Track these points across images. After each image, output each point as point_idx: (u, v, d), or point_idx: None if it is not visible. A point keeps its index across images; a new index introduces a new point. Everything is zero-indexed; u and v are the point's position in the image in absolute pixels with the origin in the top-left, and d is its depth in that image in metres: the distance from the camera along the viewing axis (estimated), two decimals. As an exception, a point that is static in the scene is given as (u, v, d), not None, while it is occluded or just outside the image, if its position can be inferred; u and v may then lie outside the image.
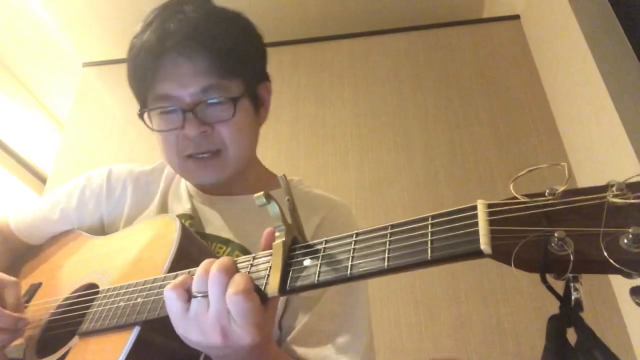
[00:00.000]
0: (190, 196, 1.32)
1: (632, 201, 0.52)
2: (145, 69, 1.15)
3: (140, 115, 1.21)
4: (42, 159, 3.85)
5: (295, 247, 0.79)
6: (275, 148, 2.80)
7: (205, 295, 0.77)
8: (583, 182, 2.34)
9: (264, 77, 1.31)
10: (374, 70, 3.04)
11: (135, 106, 3.12)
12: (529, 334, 2.18)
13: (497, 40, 3.03)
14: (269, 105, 1.32)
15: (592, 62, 2.26)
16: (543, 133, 2.67)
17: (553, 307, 0.58)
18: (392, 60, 3.06)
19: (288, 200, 0.80)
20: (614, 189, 0.54)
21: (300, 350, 1.06)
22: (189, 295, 0.79)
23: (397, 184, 2.63)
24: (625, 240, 0.51)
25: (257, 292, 0.77)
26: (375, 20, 3.38)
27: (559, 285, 0.56)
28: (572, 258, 0.52)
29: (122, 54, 1.24)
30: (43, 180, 3.78)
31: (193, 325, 0.78)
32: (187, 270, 0.88)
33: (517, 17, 3.08)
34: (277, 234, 0.80)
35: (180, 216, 1.24)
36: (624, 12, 2.29)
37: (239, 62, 1.18)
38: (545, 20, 2.78)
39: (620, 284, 2.10)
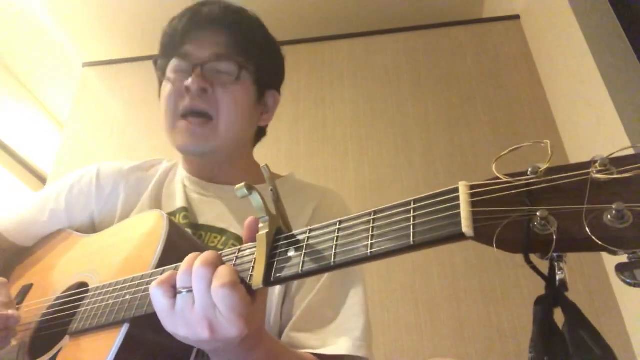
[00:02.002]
0: (185, 187, 1.33)
1: (616, 176, 0.51)
2: (174, 33, 1.29)
3: (155, 62, 1.33)
4: (42, 159, 3.86)
5: (280, 238, 0.78)
6: (275, 148, 2.80)
7: (190, 290, 0.76)
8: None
9: (275, 86, 1.40)
10: (374, 70, 3.04)
11: (135, 106, 3.10)
12: (529, 334, 2.16)
13: (497, 40, 3.03)
14: (272, 113, 1.40)
15: (592, 62, 2.26)
16: (543, 133, 2.66)
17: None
18: (392, 60, 3.06)
19: (271, 190, 0.79)
20: (597, 164, 0.53)
21: (300, 336, 1.07)
22: (174, 291, 0.78)
23: (397, 184, 2.63)
24: (609, 217, 0.50)
25: (242, 284, 0.76)
26: (375, 20, 3.38)
27: (544, 266, 0.55)
28: (555, 237, 0.51)
29: (122, 54, 1.30)
30: (43, 180, 3.79)
31: (180, 321, 0.77)
32: (174, 265, 0.88)
33: (517, 17, 3.08)
34: (260, 225, 0.79)
35: (176, 211, 1.26)
36: (624, 12, 2.29)
37: (255, 53, 1.29)
38: (545, 20, 2.78)
39: (620, 282, 2.08)
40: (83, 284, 1.10)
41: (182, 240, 1.05)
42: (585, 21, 2.38)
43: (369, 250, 0.66)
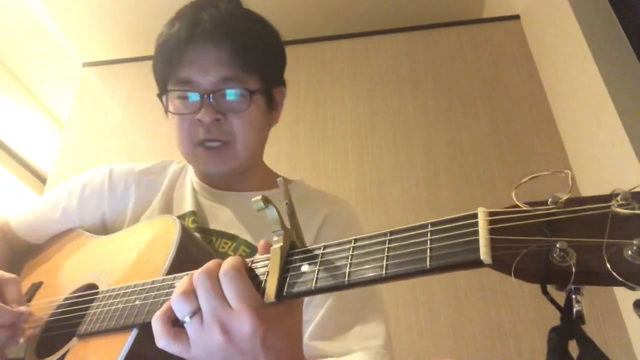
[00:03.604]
0: (195, 191, 1.33)
1: (637, 212, 0.50)
2: (171, 53, 1.21)
3: (159, 97, 1.28)
4: (42, 159, 3.86)
5: (294, 252, 0.77)
6: (275, 148, 2.79)
7: (193, 314, 0.75)
8: (583, 183, 2.34)
9: (281, 82, 1.38)
10: (374, 70, 3.04)
11: (135, 106, 3.10)
12: (529, 334, 2.18)
13: (497, 40, 3.02)
14: (281, 108, 1.40)
15: (592, 62, 2.25)
16: (543, 133, 2.66)
17: (553, 307, 0.56)
18: (392, 60, 3.05)
19: (287, 204, 0.79)
20: (618, 198, 0.52)
21: (320, 345, 1.05)
22: (178, 330, 0.77)
23: (397, 184, 2.63)
24: (630, 252, 0.49)
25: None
26: (375, 20, 3.38)
27: (560, 296, 0.55)
28: (573, 270, 0.51)
29: (122, 54, 1.28)
30: (43, 180, 3.78)
31: (199, 347, 0.75)
32: (185, 273, 0.87)
33: (517, 17, 3.07)
34: (275, 238, 0.78)
35: (185, 214, 1.26)
36: (624, 12, 2.29)
37: (259, 59, 1.24)
38: (545, 20, 2.78)
39: (622, 289, 2.08)
40: (92, 286, 1.10)
41: (194, 246, 1.05)
42: (585, 21, 2.38)
43: (384, 272, 0.65)
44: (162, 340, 0.77)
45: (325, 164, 2.76)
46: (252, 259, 0.82)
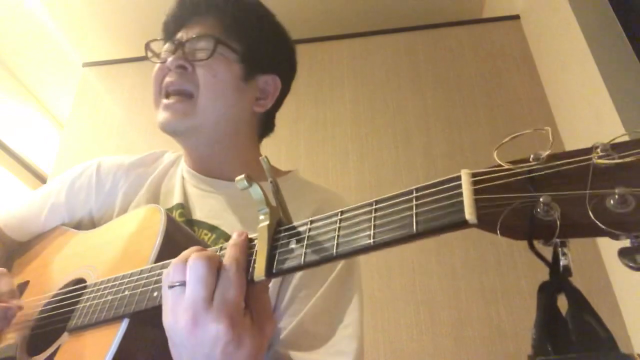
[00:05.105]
0: (184, 180, 1.32)
1: (618, 161, 0.51)
2: (168, 20, 1.33)
3: (146, 45, 1.32)
4: (42, 159, 3.86)
5: (281, 230, 0.78)
6: (275, 148, 2.79)
7: (183, 284, 0.76)
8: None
9: (275, 71, 1.36)
10: (374, 70, 3.04)
11: (135, 106, 3.09)
12: (529, 334, 2.16)
13: (497, 40, 3.03)
14: (272, 99, 1.37)
15: (592, 62, 2.25)
16: (543, 133, 2.65)
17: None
18: (392, 60, 3.06)
19: (271, 182, 0.79)
20: (598, 150, 0.53)
21: (290, 355, 1.02)
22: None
23: (397, 184, 2.62)
24: (612, 202, 0.50)
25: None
26: (375, 20, 3.39)
27: (548, 252, 0.55)
28: (558, 223, 0.52)
29: (122, 54, 1.31)
30: (43, 180, 3.79)
31: (170, 312, 0.77)
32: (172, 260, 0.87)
33: (517, 17, 3.08)
34: (261, 217, 0.78)
35: (172, 207, 1.25)
36: (624, 12, 2.29)
37: (244, 32, 1.28)
38: (545, 20, 2.78)
39: (620, 282, 2.09)
40: (81, 280, 1.09)
41: (180, 234, 1.05)
42: (585, 21, 2.38)
43: (372, 240, 0.65)
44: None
45: (325, 164, 2.76)
46: None
